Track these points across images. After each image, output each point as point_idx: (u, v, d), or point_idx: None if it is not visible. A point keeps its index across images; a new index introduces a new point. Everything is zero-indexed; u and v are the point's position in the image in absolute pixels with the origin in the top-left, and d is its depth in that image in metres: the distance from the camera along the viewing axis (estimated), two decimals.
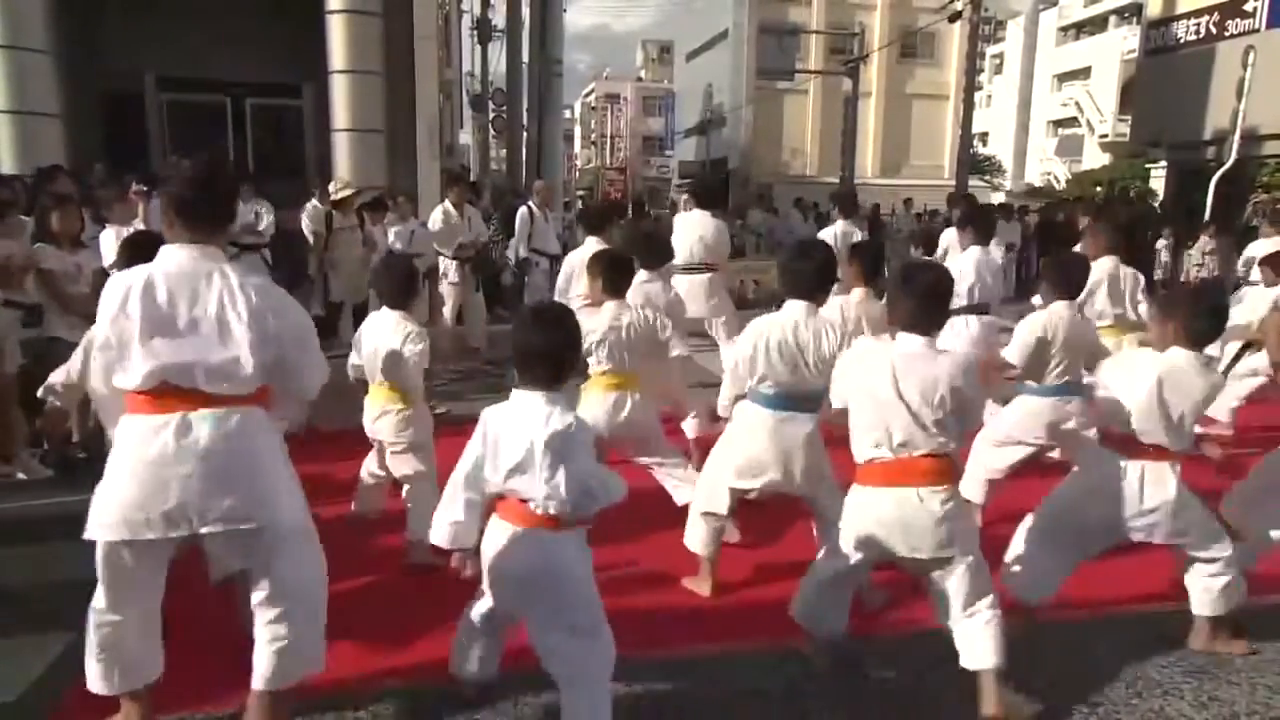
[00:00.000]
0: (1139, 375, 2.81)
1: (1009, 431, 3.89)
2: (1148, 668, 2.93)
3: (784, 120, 29.06)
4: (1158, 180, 19.95)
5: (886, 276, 4.02)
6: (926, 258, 5.87)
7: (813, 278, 3.13)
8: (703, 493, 3.39)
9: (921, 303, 2.53)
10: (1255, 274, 6.30)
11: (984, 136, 51.26)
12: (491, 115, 20.04)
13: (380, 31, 9.52)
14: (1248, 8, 15.43)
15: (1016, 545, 3.07)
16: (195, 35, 10.12)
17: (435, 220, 7.53)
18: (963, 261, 5.11)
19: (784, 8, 27.20)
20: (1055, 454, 4.09)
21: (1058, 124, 48.39)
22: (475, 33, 20.27)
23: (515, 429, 2.19)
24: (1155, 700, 2.77)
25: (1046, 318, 3.68)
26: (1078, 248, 5.25)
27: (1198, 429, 3.19)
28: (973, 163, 30.89)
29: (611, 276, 3.67)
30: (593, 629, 2.26)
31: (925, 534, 2.49)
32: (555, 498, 2.14)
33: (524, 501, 2.20)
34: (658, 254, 4.66)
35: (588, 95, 56.78)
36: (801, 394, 3.08)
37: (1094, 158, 39.18)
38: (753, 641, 3.04)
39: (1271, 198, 13.21)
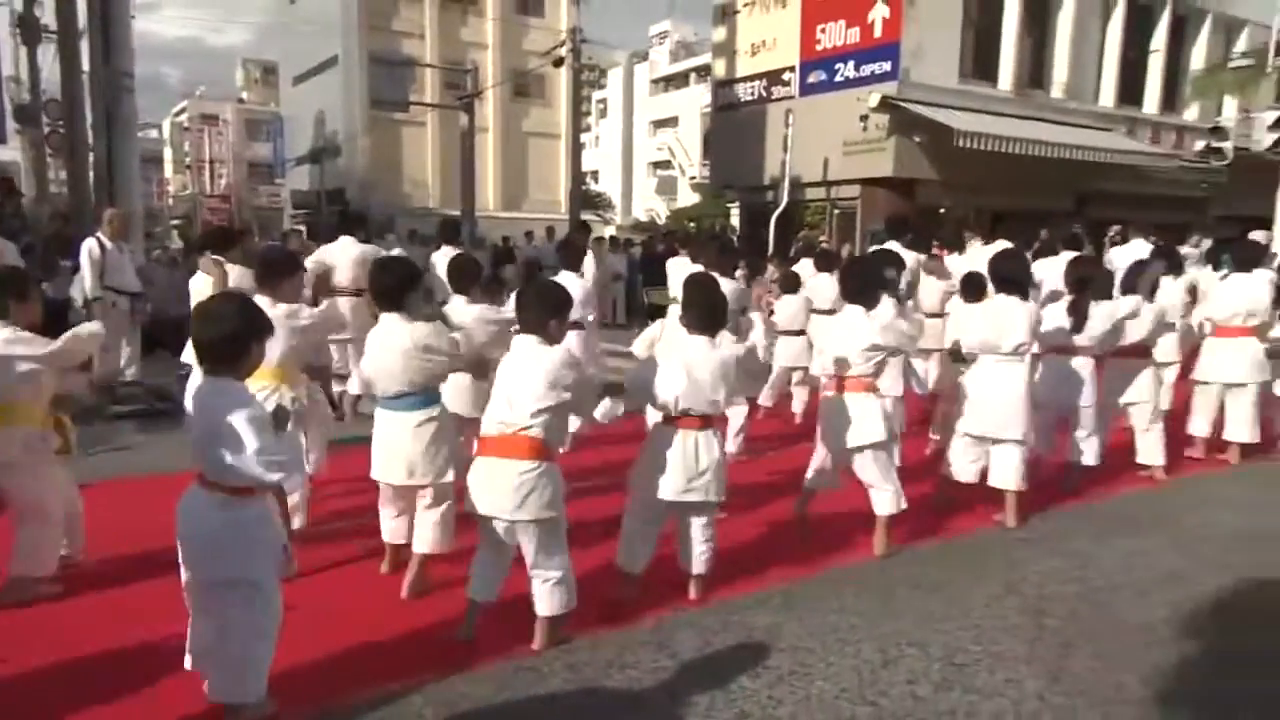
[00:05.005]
0: (671, 360, 3.73)
1: None
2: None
3: (403, 151, 28.70)
4: (736, 218, 23.13)
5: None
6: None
7: (396, 291, 3.77)
8: None
9: (540, 311, 3.33)
10: None
11: (595, 174, 55.34)
12: (47, 130, 16.97)
13: None
14: (785, 77, 18.63)
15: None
16: None
17: None
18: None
19: (396, 38, 26.93)
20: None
21: (656, 165, 53.93)
22: (18, 31, 17.06)
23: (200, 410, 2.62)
24: None
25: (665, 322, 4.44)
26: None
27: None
28: (586, 198, 33.21)
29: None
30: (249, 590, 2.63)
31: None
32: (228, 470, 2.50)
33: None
34: None
35: (179, 114, 50.88)
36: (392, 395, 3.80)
37: (687, 197, 44.28)
38: None
39: (811, 234, 16.01)
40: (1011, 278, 4.91)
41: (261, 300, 3.69)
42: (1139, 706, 3.10)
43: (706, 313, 3.80)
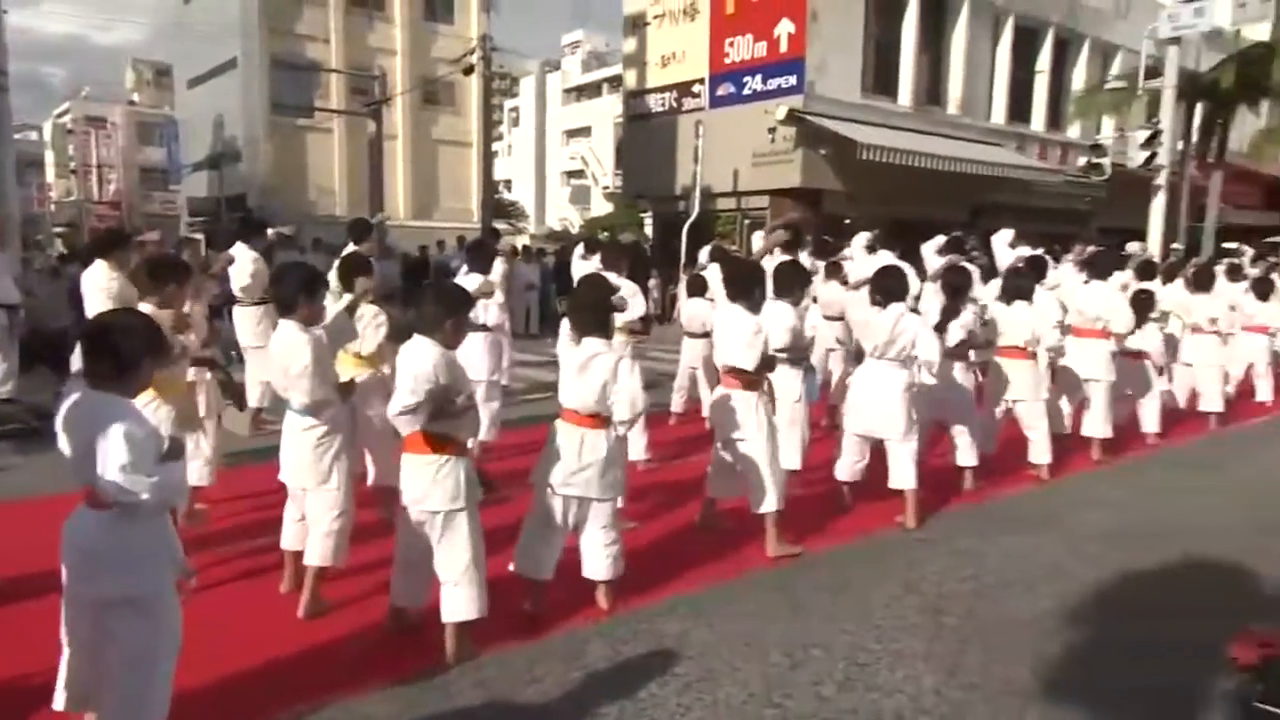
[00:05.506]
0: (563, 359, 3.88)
1: None
2: None
3: (308, 158, 27.82)
4: (650, 227, 23.30)
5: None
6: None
7: (294, 293, 3.71)
8: None
9: (437, 311, 3.36)
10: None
11: (508, 183, 55.04)
12: None
13: None
14: (695, 89, 18.91)
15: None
16: None
17: None
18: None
19: (299, 42, 26.15)
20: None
21: (570, 175, 53.95)
22: None
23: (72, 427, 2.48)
24: None
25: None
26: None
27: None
28: (498, 207, 32.92)
29: None
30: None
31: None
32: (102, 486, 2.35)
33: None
34: None
35: (61, 115, 48.15)
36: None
37: (600, 206, 44.40)
38: None
39: (722, 243, 16.27)
40: (893, 290, 5.11)
41: (146, 306, 3.57)
42: (1026, 698, 3.26)
43: (593, 313, 3.84)
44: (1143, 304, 7.27)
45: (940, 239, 8.11)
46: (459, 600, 3.31)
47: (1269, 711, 2.52)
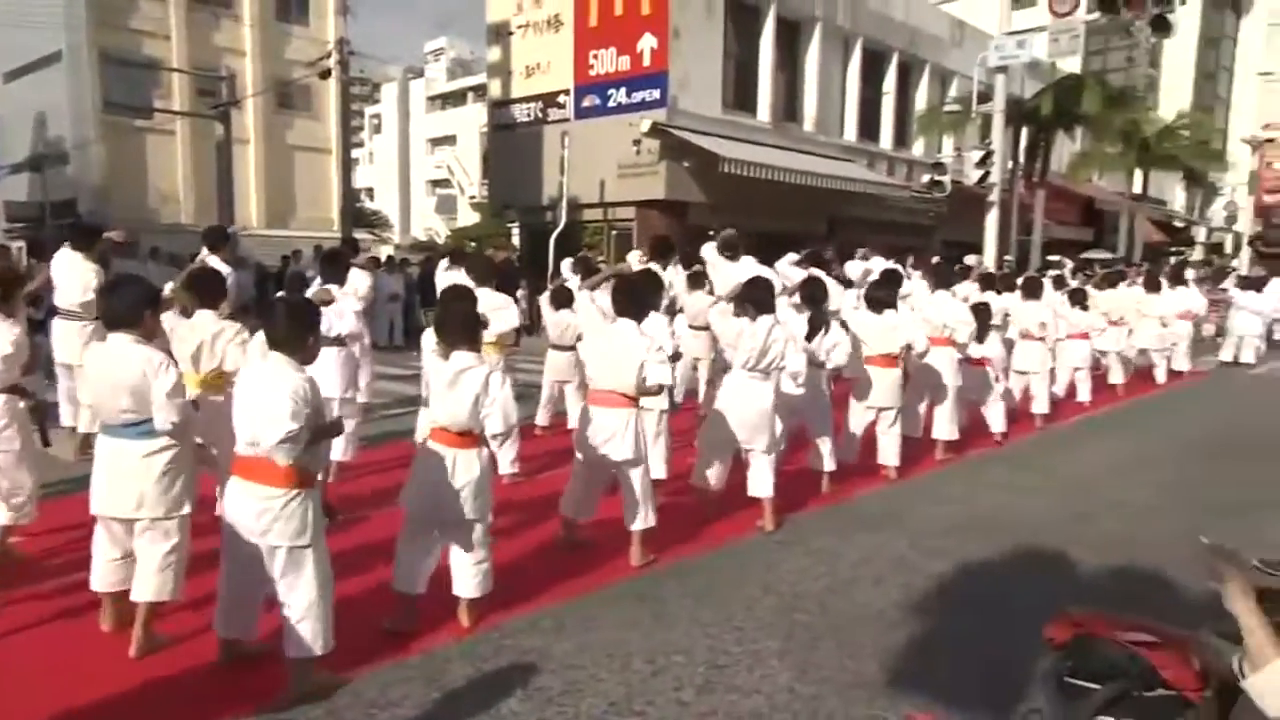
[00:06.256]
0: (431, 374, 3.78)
1: None
2: None
3: (148, 161, 26.01)
4: (517, 238, 23.11)
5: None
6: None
7: (137, 307, 3.49)
8: None
9: (289, 328, 3.17)
10: None
11: (370, 192, 53.36)
12: None
13: None
14: (560, 100, 18.97)
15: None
16: None
17: None
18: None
19: (135, 37, 24.41)
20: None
21: (435, 184, 52.86)
22: None
23: None
24: None
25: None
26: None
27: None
28: (360, 216, 31.82)
29: None
30: None
31: None
32: None
33: None
34: None
35: None
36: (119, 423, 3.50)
37: (467, 216, 43.70)
38: None
39: (590, 254, 16.38)
40: (763, 301, 5.28)
41: None
42: (874, 688, 3.43)
43: (461, 326, 3.79)
44: (983, 313, 7.85)
45: (792, 256, 8.46)
46: (304, 636, 3.14)
47: (1079, 685, 2.76)
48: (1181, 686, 2.63)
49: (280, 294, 6.88)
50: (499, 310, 5.84)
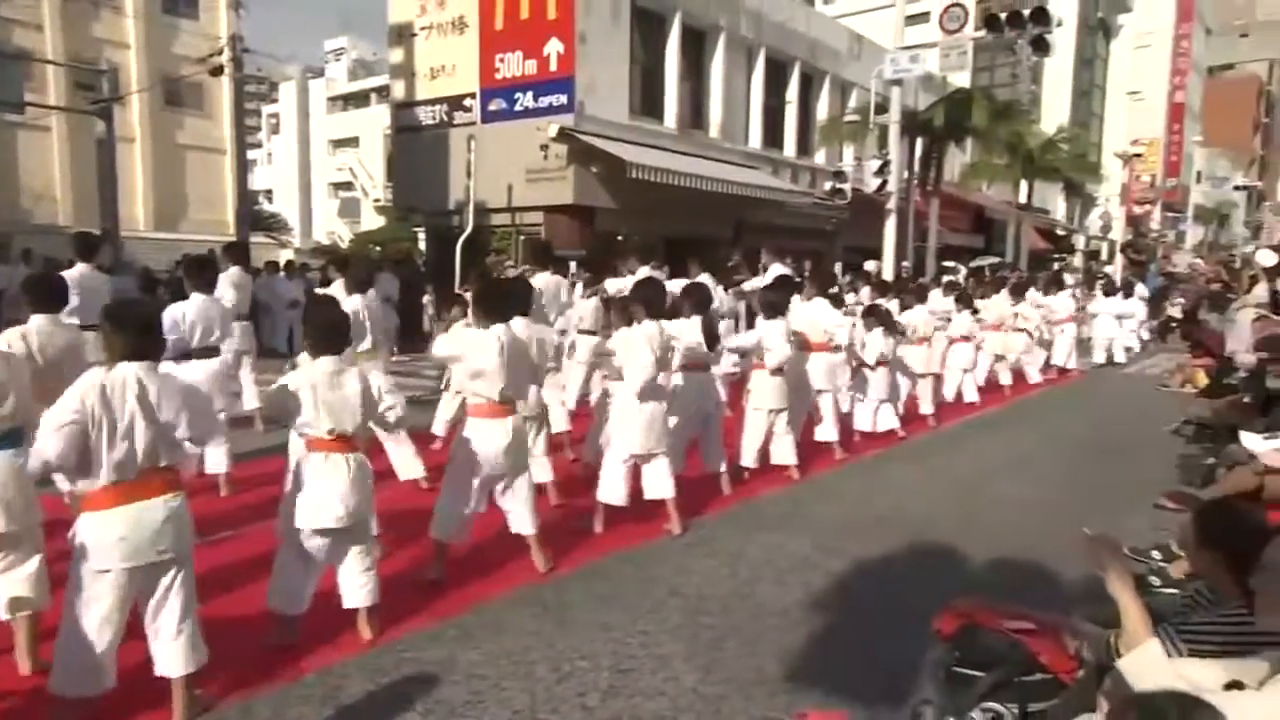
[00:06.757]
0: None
1: None
2: None
3: (19, 159, 24.40)
4: (424, 242, 22.67)
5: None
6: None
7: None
8: None
9: (136, 335, 2.98)
10: None
11: (269, 194, 51.45)
12: None
13: None
14: (467, 103, 18.72)
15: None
16: None
17: None
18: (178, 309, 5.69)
19: (4, 26, 22.91)
20: None
21: (338, 187, 51.37)
22: None
23: None
24: None
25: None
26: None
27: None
28: (258, 219, 30.60)
29: None
30: None
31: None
32: None
33: None
34: None
35: None
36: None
37: (372, 220, 42.63)
38: None
39: (498, 260, 16.22)
40: (654, 303, 5.32)
41: None
42: (775, 685, 3.50)
43: (325, 332, 3.72)
44: (880, 317, 8.15)
45: (778, 268, 8.59)
46: (181, 652, 3.00)
47: (965, 674, 2.89)
48: (1057, 669, 2.79)
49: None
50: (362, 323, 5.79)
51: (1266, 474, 5.00)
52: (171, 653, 2.99)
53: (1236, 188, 55.09)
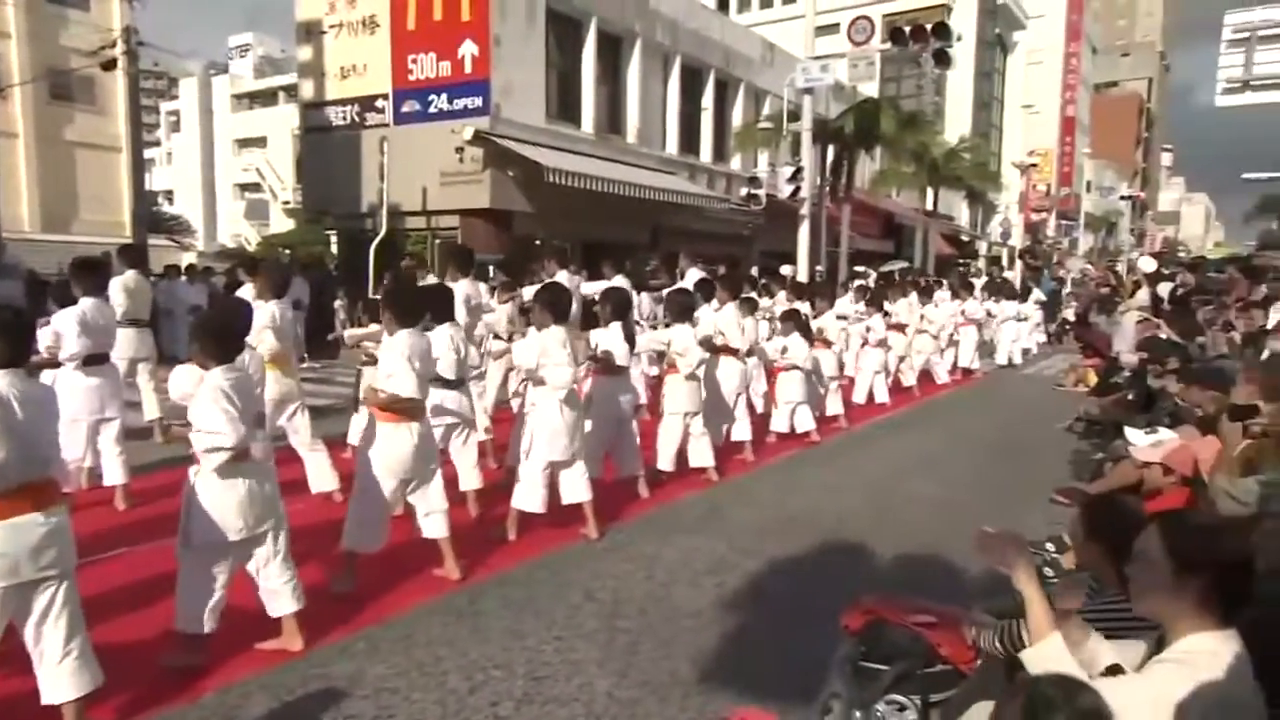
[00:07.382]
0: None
1: None
2: None
3: None
4: (335, 245, 22.05)
5: None
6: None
7: None
8: None
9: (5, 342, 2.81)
10: None
11: (170, 195, 49.27)
12: None
13: None
14: (379, 104, 18.32)
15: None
16: None
17: None
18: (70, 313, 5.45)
19: None
20: None
21: (244, 188, 49.54)
22: None
23: None
24: None
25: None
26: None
27: None
28: (157, 220, 29.27)
29: None
30: None
31: None
32: None
33: None
34: None
35: None
36: None
37: (281, 222, 41.28)
38: None
39: (413, 264, 15.90)
40: (553, 303, 5.28)
41: None
42: (689, 686, 3.52)
43: (214, 338, 3.56)
44: (796, 320, 8.32)
45: (695, 273, 8.55)
46: (69, 676, 2.84)
47: (871, 668, 2.97)
48: (957, 660, 2.90)
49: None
50: (265, 329, 5.51)
51: (1145, 467, 5.29)
52: (59, 676, 2.83)
53: (1122, 198, 58.42)
